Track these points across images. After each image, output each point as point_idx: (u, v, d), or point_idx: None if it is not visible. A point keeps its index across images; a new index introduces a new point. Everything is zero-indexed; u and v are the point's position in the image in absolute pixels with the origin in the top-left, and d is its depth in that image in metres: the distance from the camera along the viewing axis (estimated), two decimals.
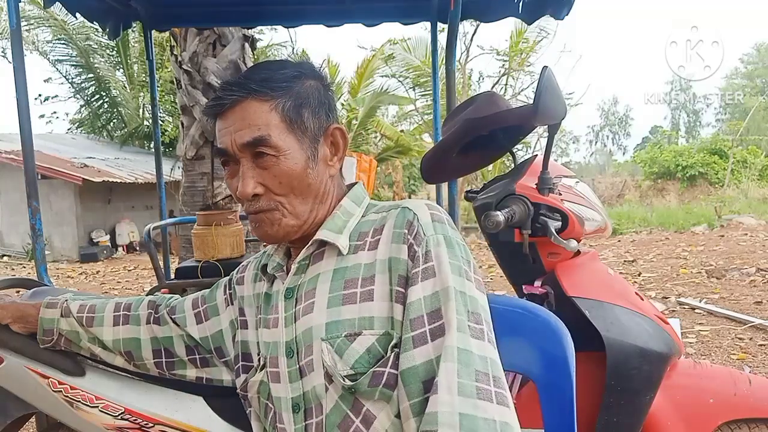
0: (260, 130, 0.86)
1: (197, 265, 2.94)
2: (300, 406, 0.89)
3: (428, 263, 0.83)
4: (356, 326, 0.85)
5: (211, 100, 0.91)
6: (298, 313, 0.91)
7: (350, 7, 3.04)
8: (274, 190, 0.89)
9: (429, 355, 0.79)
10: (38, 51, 13.63)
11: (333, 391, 0.85)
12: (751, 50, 31.01)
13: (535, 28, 11.01)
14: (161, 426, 1.15)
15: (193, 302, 1.12)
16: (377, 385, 0.82)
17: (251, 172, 0.88)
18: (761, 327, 3.91)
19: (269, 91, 0.88)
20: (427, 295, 0.81)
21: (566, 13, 2.71)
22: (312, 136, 0.91)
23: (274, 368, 0.93)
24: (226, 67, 4.85)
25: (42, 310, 1.16)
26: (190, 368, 1.12)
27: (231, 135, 0.88)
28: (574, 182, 1.47)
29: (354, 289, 0.87)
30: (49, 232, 10.71)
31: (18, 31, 1.97)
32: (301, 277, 0.94)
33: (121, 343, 1.13)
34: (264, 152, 0.87)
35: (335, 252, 0.91)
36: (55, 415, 1.23)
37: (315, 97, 0.92)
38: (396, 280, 0.84)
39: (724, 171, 17.44)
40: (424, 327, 0.80)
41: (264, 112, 0.87)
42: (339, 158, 0.95)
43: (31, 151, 2.01)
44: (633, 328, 1.27)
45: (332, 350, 0.84)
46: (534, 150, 11.86)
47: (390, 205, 0.94)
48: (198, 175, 4.85)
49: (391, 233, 0.88)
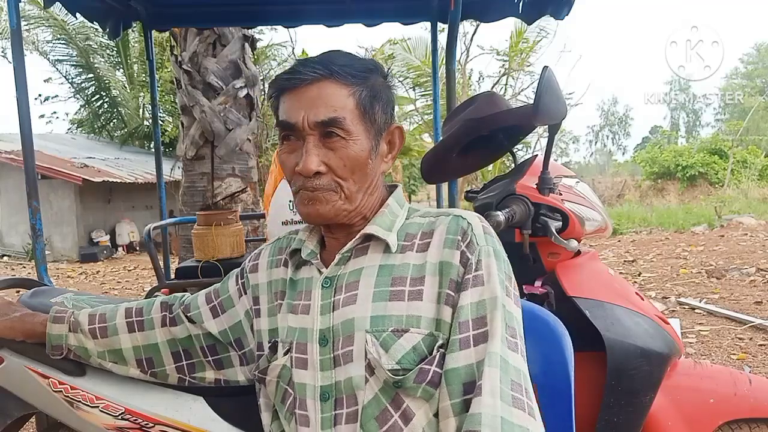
0: (336, 111, 0.88)
1: (197, 265, 2.94)
2: (330, 395, 0.89)
3: (479, 272, 0.87)
4: (404, 323, 0.87)
5: (286, 73, 0.91)
6: (337, 303, 0.92)
7: (350, 7, 3.04)
8: (336, 171, 0.90)
9: (470, 359, 0.83)
10: (38, 51, 13.63)
11: (373, 383, 0.87)
12: (751, 50, 31.06)
13: (535, 28, 11.00)
14: (161, 426, 1.15)
15: (207, 297, 1.10)
16: (422, 381, 0.84)
17: (317, 150, 0.89)
18: (761, 327, 3.90)
19: (350, 77, 0.90)
20: (474, 301, 0.86)
21: (566, 13, 2.71)
22: (377, 130, 0.94)
23: (300, 354, 0.93)
24: (226, 67, 4.85)
25: (49, 326, 1.13)
26: (208, 370, 1.11)
27: (305, 111, 0.89)
28: (575, 182, 1.47)
29: (402, 287, 0.89)
30: (49, 232, 10.70)
31: (18, 31, 1.97)
32: (341, 268, 0.95)
33: (141, 350, 1.12)
34: (335, 132, 0.89)
35: (380, 248, 0.94)
36: (56, 415, 1.23)
37: (385, 94, 0.95)
38: (447, 284, 0.88)
39: (724, 171, 17.44)
40: (469, 332, 0.84)
41: (342, 96, 0.89)
42: (393, 156, 0.99)
43: (31, 151, 2.01)
44: (633, 328, 1.27)
45: (377, 343, 0.86)
46: (534, 150, 11.86)
47: (438, 211, 0.98)
48: (198, 175, 4.85)
49: (443, 238, 0.91)
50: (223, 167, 4.84)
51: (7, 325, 1.13)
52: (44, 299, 1.29)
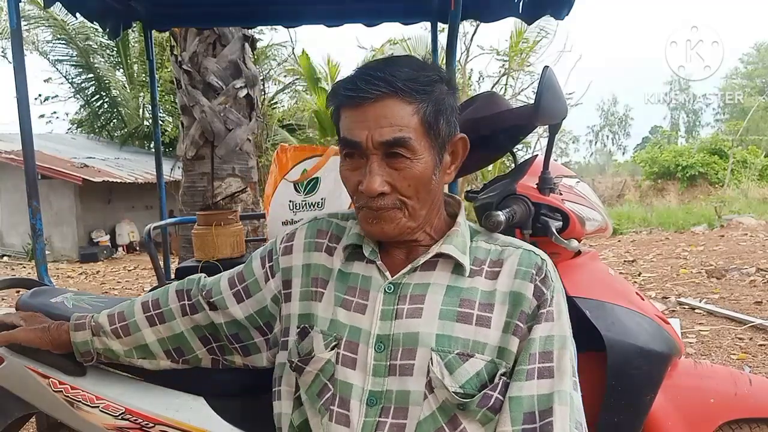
0: (402, 131, 0.86)
1: (197, 265, 2.93)
2: (377, 401, 0.89)
3: (551, 308, 0.90)
4: (470, 347, 0.89)
5: (349, 90, 0.88)
6: (400, 312, 0.91)
7: (350, 7, 3.04)
8: (401, 191, 0.90)
9: (533, 391, 0.86)
10: (38, 51, 13.63)
11: (431, 400, 0.87)
12: (751, 50, 31.00)
13: (535, 28, 10.99)
14: (162, 426, 1.15)
15: (230, 281, 1.08)
16: (484, 406, 0.87)
17: (381, 170, 0.88)
18: (761, 327, 3.90)
19: (415, 93, 0.87)
20: (544, 336, 0.89)
21: (566, 13, 2.71)
22: (441, 143, 0.92)
23: (350, 353, 0.92)
24: (226, 67, 4.86)
25: (72, 334, 1.13)
26: (236, 355, 1.11)
27: (369, 130, 0.87)
28: (575, 182, 1.47)
29: (470, 310, 0.91)
30: (49, 232, 10.69)
31: (18, 31, 1.97)
32: (406, 278, 0.94)
33: (166, 342, 1.11)
34: (399, 153, 0.88)
35: (449, 267, 0.94)
36: (56, 415, 1.23)
37: (448, 104, 0.93)
38: (517, 315, 0.90)
39: (724, 171, 17.44)
40: (536, 364, 0.87)
41: (408, 114, 0.87)
42: (456, 167, 0.98)
43: (31, 151, 2.01)
44: (634, 328, 1.27)
45: (442, 363, 0.87)
46: (534, 150, 11.85)
47: (503, 240, 1.00)
48: (198, 175, 4.85)
49: (514, 269, 0.93)
50: (223, 167, 4.85)
51: (33, 336, 1.13)
52: (44, 299, 1.29)
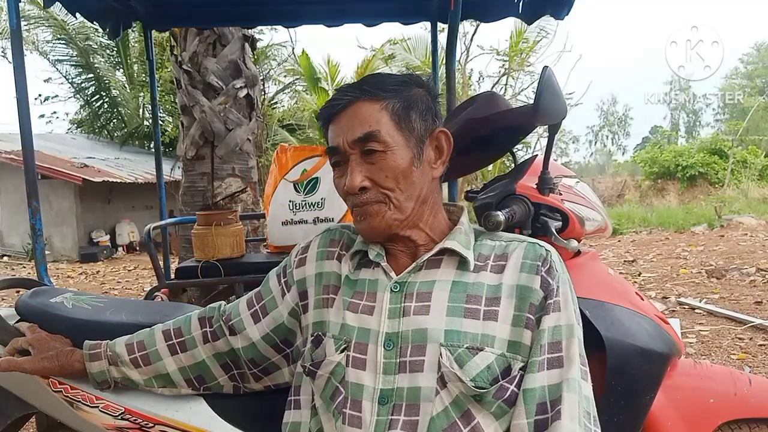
0: (370, 126, 0.92)
1: (197, 265, 2.93)
2: (389, 399, 0.90)
3: (557, 298, 0.92)
4: (479, 341, 0.90)
5: (325, 104, 0.97)
6: (407, 309, 0.93)
7: (350, 7, 3.04)
8: (380, 183, 0.93)
9: (544, 381, 0.88)
10: (38, 51, 13.62)
11: (444, 396, 0.88)
12: (751, 50, 30.98)
13: (535, 28, 10.99)
14: (161, 426, 1.15)
15: (248, 302, 1.11)
16: (500, 398, 0.88)
17: (359, 167, 0.94)
18: (761, 327, 3.90)
19: (380, 92, 0.94)
20: (552, 326, 0.90)
21: (566, 13, 2.71)
22: (418, 137, 0.96)
23: (359, 354, 0.93)
24: (226, 67, 4.85)
25: (88, 365, 1.12)
26: (253, 381, 1.13)
27: (344, 133, 0.94)
28: (575, 182, 1.47)
29: (477, 305, 0.92)
30: (49, 232, 10.69)
31: (18, 31, 1.97)
32: (411, 276, 0.96)
33: (188, 371, 1.12)
34: (373, 149, 0.93)
35: (454, 264, 0.96)
36: (56, 415, 1.23)
37: (423, 102, 0.98)
38: (527, 308, 0.91)
39: (724, 171, 17.43)
40: (545, 355, 0.89)
41: (375, 111, 0.93)
42: (442, 162, 1.01)
43: (31, 151, 2.01)
44: (633, 328, 1.27)
45: (452, 358, 0.88)
46: (534, 150, 11.85)
47: (508, 236, 1.02)
48: (198, 175, 4.84)
49: (519, 262, 0.94)
50: (223, 167, 4.84)
51: (43, 365, 1.11)
52: (44, 299, 1.29)
